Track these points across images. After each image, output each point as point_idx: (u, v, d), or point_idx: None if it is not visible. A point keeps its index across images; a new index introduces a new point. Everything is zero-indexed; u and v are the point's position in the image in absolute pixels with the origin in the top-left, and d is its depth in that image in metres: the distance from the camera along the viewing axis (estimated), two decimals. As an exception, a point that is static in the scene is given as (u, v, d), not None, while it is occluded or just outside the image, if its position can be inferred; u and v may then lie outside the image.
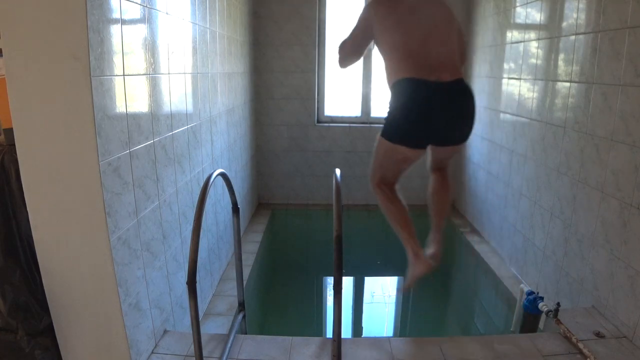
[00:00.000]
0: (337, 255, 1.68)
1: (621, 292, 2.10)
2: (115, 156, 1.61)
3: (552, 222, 2.73)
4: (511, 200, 3.33)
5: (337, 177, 1.85)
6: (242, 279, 2.28)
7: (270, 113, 4.54)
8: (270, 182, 4.72)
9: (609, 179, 2.20)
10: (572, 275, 2.51)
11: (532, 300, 2.25)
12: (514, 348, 2.00)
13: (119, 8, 1.60)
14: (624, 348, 1.97)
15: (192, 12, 2.41)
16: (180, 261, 2.27)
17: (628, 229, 2.06)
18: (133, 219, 1.76)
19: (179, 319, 2.24)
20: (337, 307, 1.74)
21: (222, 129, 3.13)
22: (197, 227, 1.57)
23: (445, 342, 2.07)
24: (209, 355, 1.91)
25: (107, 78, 1.54)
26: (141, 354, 1.83)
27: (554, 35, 2.73)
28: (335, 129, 4.61)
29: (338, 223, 1.69)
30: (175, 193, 2.21)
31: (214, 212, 2.92)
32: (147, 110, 1.87)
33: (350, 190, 4.62)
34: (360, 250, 3.69)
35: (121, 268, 1.66)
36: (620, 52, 2.11)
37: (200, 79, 2.58)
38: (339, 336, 1.83)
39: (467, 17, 4.27)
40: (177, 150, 2.22)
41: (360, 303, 2.89)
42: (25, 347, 1.64)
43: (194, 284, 1.56)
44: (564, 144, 2.60)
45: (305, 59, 4.41)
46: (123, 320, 1.68)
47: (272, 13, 4.28)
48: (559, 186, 2.65)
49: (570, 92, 2.55)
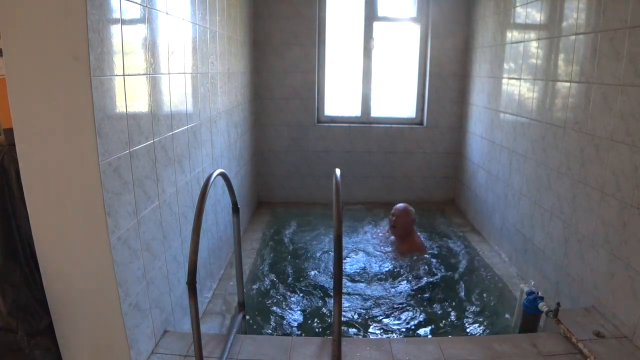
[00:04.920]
0: (337, 255, 1.68)
1: (621, 292, 2.10)
2: (115, 156, 1.61)
3: (552, 222, 2.73)
4: (511, 200, 3.33)
5: (337, 177, 1.85)
6: (242, 279, 2.28)
7: (270, 113, 4.54)
8: (270, 182, 4.72)
9: (609, 179, 2.20)
10: (572, 275, 2.51)
11: (532, 300, 2.25)
12: (514, 348, 2.00)
13: (119, 8, 1.60)
14: (624, 348, 1.97)
15: (192, 12, 2.41)
16: (180, 261, 2.27)
17: (628, 229, 2.06)
18: (133, 219, 1.76)
19: (179, 319, 2.24)
20: (337, 307, 1.74)
21: (222, 129, 3.13)
22: (197, 227, 1.57)
23: (445, 342, 2.08)
24: (209, 355, 1.91)
25: (107, 78, 1.54)
26: (141, 354, 1.83)
27: (554, 35, 2.73)
28: (335, 129, 4.61)
29: (338, 223, 1.70)
30: (175, 193, 2.21)
31: (214, 212, 2.92)
32: (147, 110, 1.87)
33: (350, 190, 4.62)
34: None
35: (121, 268, 1.66)
36: (620, 52, 2.11)
37: (200, 79, 2.58)
38: (339, 336, 1.83)
39: (467, 17, 4.28)
40: (177, 150, 2.22)
41: (361, 303, 2.89)
42: (25, 347, 1.64)
43: (194, 284, 1.56)
44: (564, 144, 2.60)
45: (305, 59, 4.40)
46: (123, 320, 1.68)
47: (272, 13, 4.28)
48: (559, 186, 2.65)
49: (570, 92, 2.55)
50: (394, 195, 4.62)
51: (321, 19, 4.41)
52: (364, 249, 3.66)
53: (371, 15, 4.41)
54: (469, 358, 1.94)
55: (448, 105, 4.54)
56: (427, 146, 4.65)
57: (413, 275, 3.21)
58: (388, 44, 4.51)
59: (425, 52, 4.50)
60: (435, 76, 4.46)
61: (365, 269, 3.32)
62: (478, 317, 2.73)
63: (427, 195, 4.77)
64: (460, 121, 4.55)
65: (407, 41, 4.54)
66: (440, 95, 4.51)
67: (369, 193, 4.74)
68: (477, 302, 2.87)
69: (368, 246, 3.71)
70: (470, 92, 4.29)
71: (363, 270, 3.30)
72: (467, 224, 4.22)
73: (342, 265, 1.73)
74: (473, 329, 2.63)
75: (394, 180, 4.74)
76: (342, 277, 1.71)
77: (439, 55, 4.40)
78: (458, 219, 4.35)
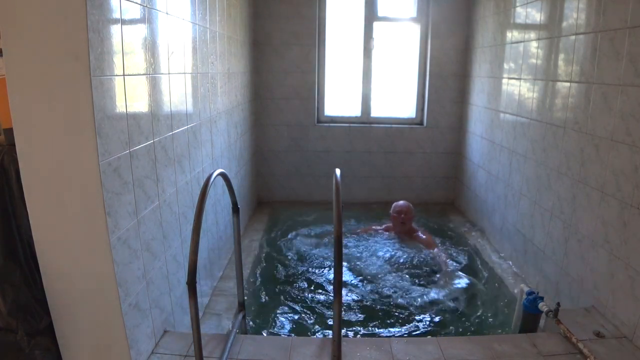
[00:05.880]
0: (337, 256, 1.68)
1: (621, 292, 2.10)
2: (115, 156, 1.61)
3: (552, 222, 2.73)
4: (511, 200, 3.33)
5: (337, 177, 1.85)
6: (242, 279, 2.28)
7: (270, 113, 4.54)
8: (270, 182, 4.72)
9: (609, 179, 2.20)
10: (572, 275, 2.51)
11: (532, 300, 2.24)
12: (514, 348, 2.00)
13: (119, 8, 1.60)
14: (624, 348, 1.97)
15: (192, 12, 2.41)
16: (180, 261, 2.27)
17: (628, 229, 2.06)
18: (133, 219, 1.76)
19: (179, 319, 2.24)
20: (337, 307, 1.74)
21: (222, 129, 3.13)
22: (197, 227, 1.57)
23: (445, 342, 2.08)
24: (209, 355, 1.91)
25: (107, 78, 1.54)
26: (141, 354, 1.83)
27: (554, 35, 2.73)
28: (335, 129, 4.61)
29: (338, 223, 1.69)
30: (175, 193, 2.21)
31: (214, 212, 2.92)
32: (147, 110, 1.87)
33: (350, 190, 4.62)
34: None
35: (121, 268, 1.66)
36: (620, 52, 2.11)
37: (200, 79, 2.58)
38: (339, 336, 1.83)
39: (467, 17, 4.28)
40: (177, 150, 2.22)
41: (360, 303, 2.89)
42: (25, 347, 1.64)
43: (194, 284, 1.56)
44: (564, 144, 2.60)
45: (305, 59, 4.40)
46: (123, 320, 1.68)
47: (272, 13, 4.28)
48: (559, 186, 2.65)
49: (570, 92, 2.55)
50: (394, 195, 4.61)
51: (321, 19, 4.41)
52: (376, 252, 3.60)
53: (371, 15, 4.41)
54: (469, 358, 1.94)
55: (448, 105, 4.54)
56: (427, 146, 4.65)
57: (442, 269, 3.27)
58: (388, 44, 4.51)
59: (425, 52, 4.50)
60: (435, 76, 4.46)
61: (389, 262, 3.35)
62: (478, 317, 2.73)
63: (427, 195, 4.77)
64: (460, 121, 4.55)
65: (407, 41, 4.54)
66: (440, 95, 4.51)
67: (369, 193, 4.74)
68: (477, 302, 2.87)
69: (379, 246, 3.66)
70: (470, 92, 4.29)
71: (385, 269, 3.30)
72: (467, 223, 4.22)
73: (342, 266, 1.73)
74: (473, 328, 2.63)
75: (394, 180, 4.74)
76: (342, 277, 1.71)
77: (439, 55, 4.40)
78: (458, 219, 4.35)
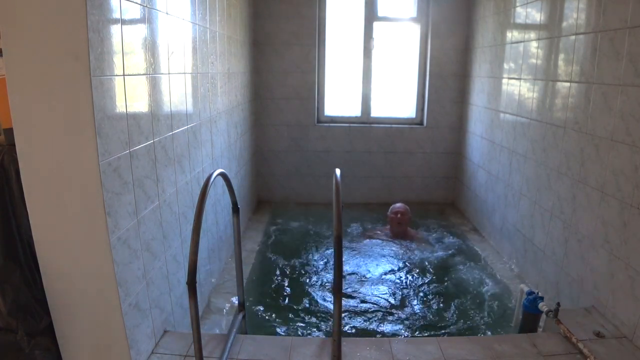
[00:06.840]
0: (337, 256, 1.68)
1: (621, 292, 2.10)
2: (115, 156, 1.61)
3: (552, 222, 2.73)
4: (511, 200, 3.33)
5: (337, 177, 1.85)
6: (242, 279, 2.28)
7: (270, 113, 4.54)
8: (270, 182, 4.72)
9: (609, 179, 2.20)
10: (572, 275, 2.51)
11: (532, 300, 2.25)
12: (514, 348, 2.00)
13: (119, 8, 1.60)
14: (624, 348, 1.97)
15: (192, 12, 2.41)
16: (180, 261, 2.27)
17: (628, 229, 2.06)
18: (133, 219, 1.76)
19: (179, 319, 2.24)
20: (337, 307, 1.74)
21: (222, 129, 3.13)
22: (197, 227, 1.57)
23: (445, 342, 2.08)
24: (209, 355, 1.91)
25: (107, 78, 1.54)
26: (141, 354, 1.83)
27: (554, 35, 2.73)
28: (335, 129, 4.60)
29: (338, 223, 1.70)
30: (175, 193, 2.21)
31: (214, 212, 2.92)
32: (147, 110, 1.87)
33: (350, 190, 4.62)
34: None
35: (121, 268, 1.66)
36: (620, 52, 2.11)
37: (200, 79, 2.58)
38: (339, 336, 1.84)
39: (467, 17, 4.28)
40: (177, 150, 2.22)
41: (360, 302, 2.89)
42: (25, 347, 1.64)
43: (194, 284, 1.56)
44: (564, 144, 2.60)
45: (305, 59, 4.40)
46: (123, 320, 1.68)
47: (272, 13, 4.28)
48: (559, 186, 2.65)
49: (570, 92, 2.55)
50: (394, 195, 4.62)
51: (321, 19, 4.41)
52: (374, 252, 3.62)
53: (371, 15, 4.41)
54: (469, 358, 1.94)
55: (448, 105, 4.54)
56: (427, 146, 4.65)
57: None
58: (388, 44, 4.51)
59: (425, 52, 4.50)
60: (435, 76, 4.46)
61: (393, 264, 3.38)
62: (478, 317, 2.73)
63: (427, 195, 4.77)
64: (460, 121, 4.55)
65: (407, 41, 4.54)
66: (440, 95, 4.51)
67: (369, 193, 4.74)
68: (477, 302, 2.87)
69: (378, 249, 3.68)
70: (470, 92, 4.29)
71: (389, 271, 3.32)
72: (467, 223, 4.22)
73: (342, 266, 1.73)
74: (473, 329, 2.63)
75: (394, 180, 4.74)
76: (342, 277, 1.71)
77: (439, 55, 4.40)
78: (458, 219, 4.35)
